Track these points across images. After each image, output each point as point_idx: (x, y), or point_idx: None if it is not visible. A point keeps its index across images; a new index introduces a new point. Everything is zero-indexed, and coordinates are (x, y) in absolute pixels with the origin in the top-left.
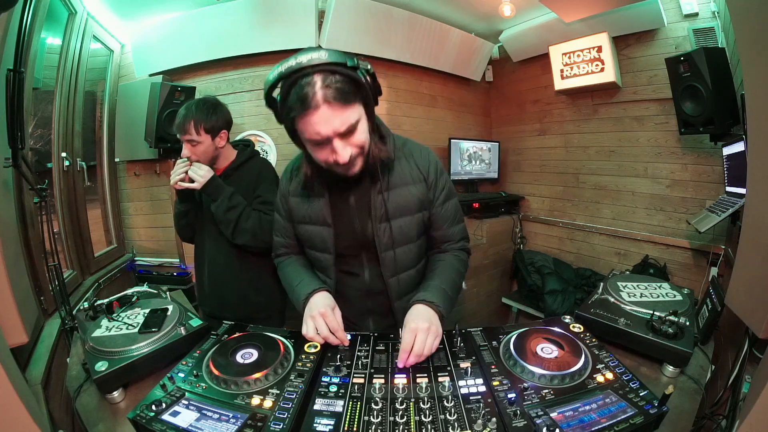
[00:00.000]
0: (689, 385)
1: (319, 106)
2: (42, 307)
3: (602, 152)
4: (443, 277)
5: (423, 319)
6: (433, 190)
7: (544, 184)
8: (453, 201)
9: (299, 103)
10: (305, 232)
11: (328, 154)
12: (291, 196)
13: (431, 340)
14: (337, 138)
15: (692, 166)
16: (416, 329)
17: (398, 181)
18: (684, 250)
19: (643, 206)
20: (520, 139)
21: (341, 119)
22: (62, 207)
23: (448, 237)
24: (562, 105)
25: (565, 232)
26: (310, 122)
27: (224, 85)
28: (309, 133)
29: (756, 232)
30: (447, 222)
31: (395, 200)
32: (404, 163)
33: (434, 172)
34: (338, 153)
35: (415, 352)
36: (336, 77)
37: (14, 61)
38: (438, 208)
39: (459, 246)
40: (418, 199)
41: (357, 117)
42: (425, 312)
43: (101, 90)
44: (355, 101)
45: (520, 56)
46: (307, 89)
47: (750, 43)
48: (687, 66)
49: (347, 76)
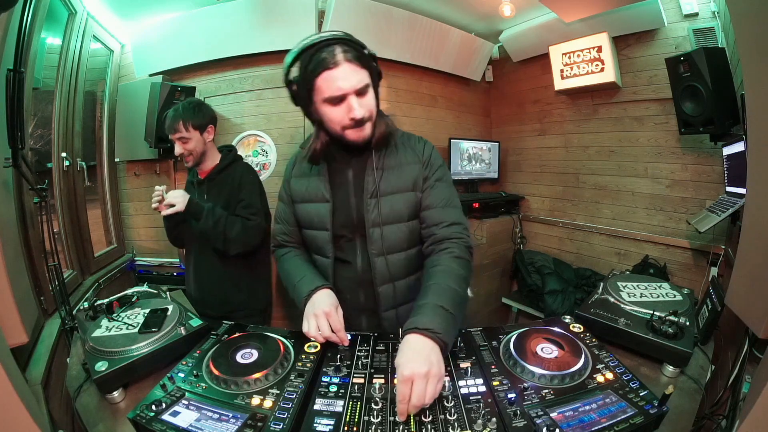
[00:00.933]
0: (689, 385)
1: (340, 63)
2: (42, 307)
3: (602, 152)
4: (440, 289)
5: (419, 360)
6: (426, 170)
7: (544, 184)
8: (446, 185)
9: (322, 63)
10: (304, 211)
11: (344, 113)
12: (293, 178)
13: (432, 388)
14: (353, 95)
15: (692, 166)
16: (411, 377)
17: (393, 162)
18: (684, 250)
19: (643, 206)
20: (520, 139)
21: (358, 77)
22: (62, 207)
23: (441, 218)
24: (562, 105)
25: (565, 232)
26: (331, 78)
27: (224, 85)
28: (329, 90)
29: (756, 232)
30: (439, 202)
31: (388, 178)
32: (401, 148)
33: (428, 155)
34: (354, 109)
35: (413, 404)
36: (352, 47)
37: (14, 61)
38: (429, 188)
39: (452, 232)
40: (411, 178)
41: (368, 81)
42: (421, 347)
43: (101, 90)
44: (368, 72)
45: (520, 56)
46: (329, 51)
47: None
48: (687, 66)
49: (359, 50)
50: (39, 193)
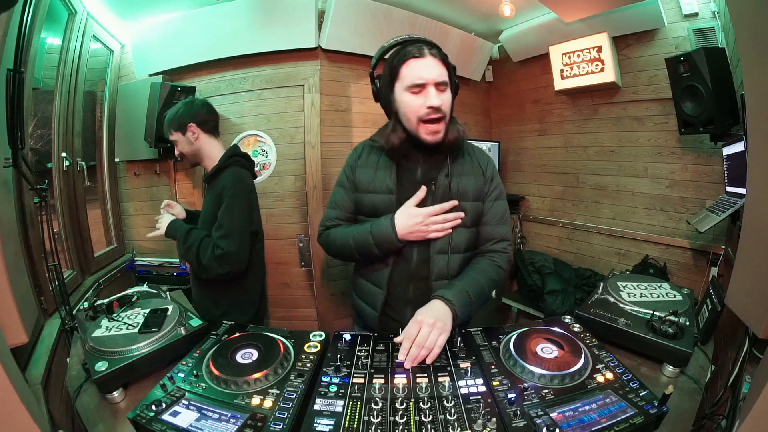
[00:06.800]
0: (689, 385)
1: (426, 55)
2: (42, 307)
3: (602, 152)
4: (470, 279)
5: (431, 314)
6: (488, 185)
7: (544, 184)
8: (502, 202)
9: (409, 54)
10: (369, 200)
11: (422, 102)
12: (359, 168)
13: (435, 335)
14: (432, 86)
15: (692, 166)
16: (421, 322)
17: (461, 170)
18: (684, 250)
19: (643, 206)
20: (520, 139)
21: (440, 71)
22: (62, 207)
23: (492, 234)
24: (562, 105)
25: (565, 232)
26: (416, 66)
27: (224, 85)
28: (412, 77)
29: (756, 232)
30: (494, 219)
31: (457, 185)
32: (467, 157)
33: (491, 170)
34: (432, 97)
35: (417, 343)
36: (437, 48)
37: (14, 61)
38: (489, 203)
39: (500, 247)
40: (476, 188)
41: (448, 81)
42: (438, 308)
43: (101, 90)
44: (448, 75)
45: (520, 56)
46: (417, 46)
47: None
48: (687, 66)
49: (443, 53)
50: (39, 193)
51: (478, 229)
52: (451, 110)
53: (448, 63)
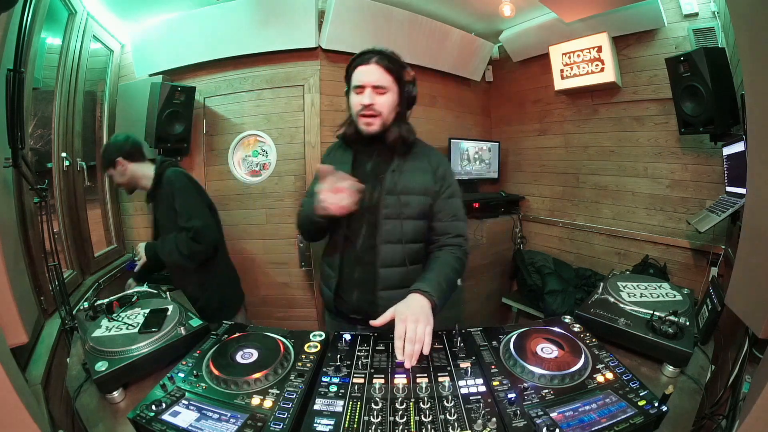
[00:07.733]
0: (689, 385)
1: (370, 63)
2: (42, 307)
3: (602, 152)
4: (439, 271)
5: (411, 309)
6: (439, 183)
7: (544, 184)
8: (457, 200)
9: (360, 60)
10: None
11: (360, 100)
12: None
13: (422, 328)
14: (370, 88)
15: (692, 166)
16: (405, 319)
17: (408, 167)
18: (684, 250)
19: (643, 206)
20: (520, 139)
21: (378, 77)
22: (62, 207)
23: (447, 230)
24: (562, 105)
25: (565, 232)
26: (360, 71)
27: (224, 85)
28: (355, 80)
29: (756, 232)
30: (449, 216)
31: (403, 180)
32: (419, 157)
33: (443, 170)
34: (365, 96)
35: (409, 339)
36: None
37: (14, 61)
38: (443, 201)
39: (456, 242)
40: (422, 185)
41: (388, 89)
42: (417, 301)
43: (101, 90)
44: (393, 81)
45: (520, 56)
46: (368, 55)
47: (750, 43)
48: (687, 66)
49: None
50: (39, 193)
51: (432, 224)
52: (401, 113)
53: (398, 72)
